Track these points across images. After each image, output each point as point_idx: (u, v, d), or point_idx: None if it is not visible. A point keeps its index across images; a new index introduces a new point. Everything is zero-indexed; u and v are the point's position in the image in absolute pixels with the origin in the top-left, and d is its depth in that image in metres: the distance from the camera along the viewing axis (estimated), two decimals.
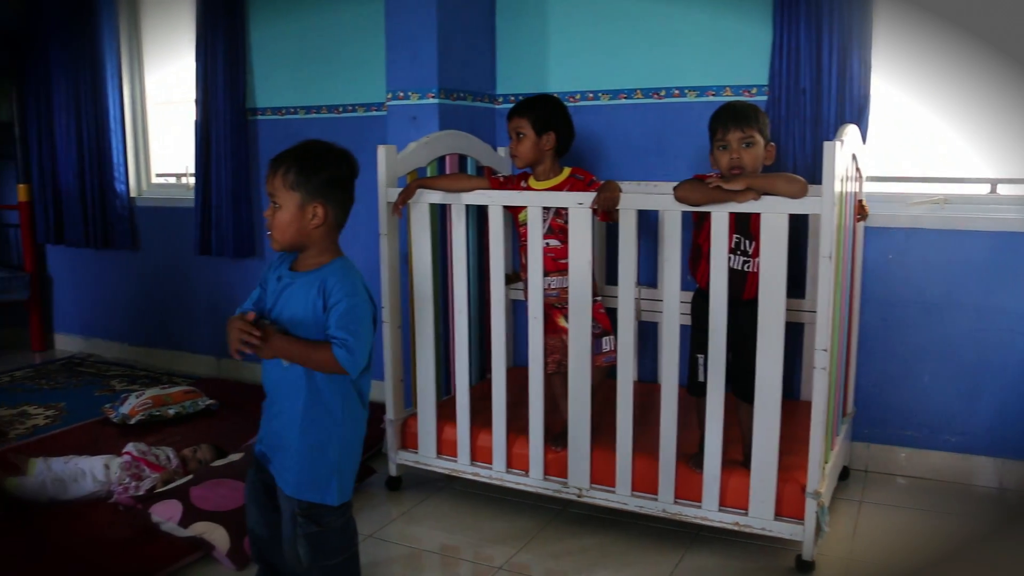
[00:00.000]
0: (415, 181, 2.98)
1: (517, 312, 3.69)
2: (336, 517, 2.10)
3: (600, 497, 2.78)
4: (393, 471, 3.18)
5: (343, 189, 2.08)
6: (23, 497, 2.95)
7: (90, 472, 3.02)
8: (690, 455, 2.69)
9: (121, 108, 4.99)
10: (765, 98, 3.29)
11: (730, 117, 2.56)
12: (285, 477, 2.09)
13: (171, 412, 3.87)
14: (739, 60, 3.36)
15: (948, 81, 3.21)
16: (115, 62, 4.93)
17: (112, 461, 3.09)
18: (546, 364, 2.87)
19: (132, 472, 3.03)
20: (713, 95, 3.42)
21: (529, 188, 2.96)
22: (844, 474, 3.21)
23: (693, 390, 2.68)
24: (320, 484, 2.06)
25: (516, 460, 2.94)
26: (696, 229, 2.68)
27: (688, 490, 2.65)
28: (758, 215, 2.44)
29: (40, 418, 4.09)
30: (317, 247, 2.07)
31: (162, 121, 5.17)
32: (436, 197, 2.95)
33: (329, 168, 2.05)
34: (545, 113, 2.92)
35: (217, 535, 2.65)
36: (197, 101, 4.53)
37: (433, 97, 3.45)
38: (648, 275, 3.51)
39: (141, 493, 2.89)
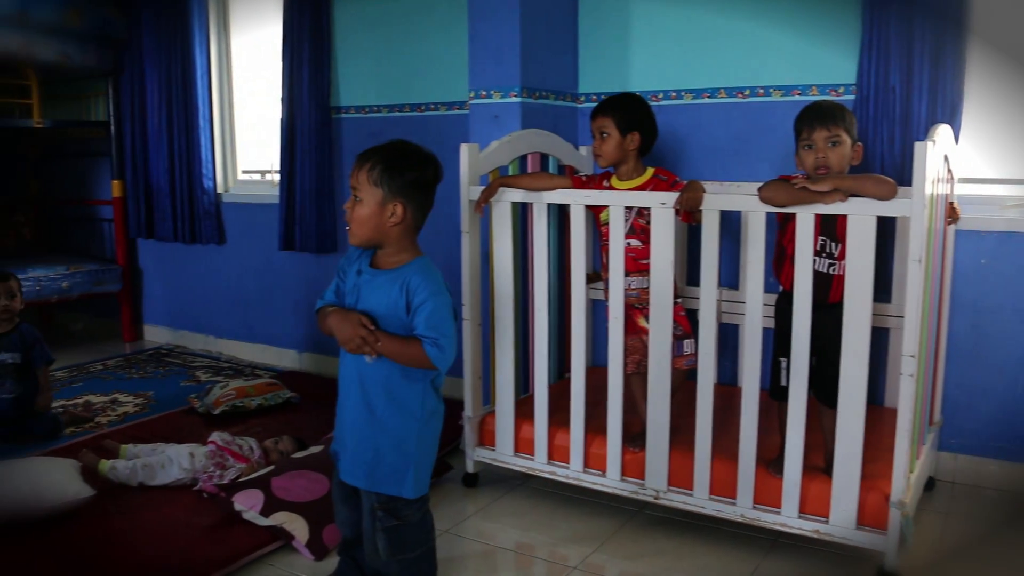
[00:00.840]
0: (497, 179, 2.99)
1: (596, 312, 3.68)
2: (414, 511, 2.13)
3: (677, 500, 2.76)
4: (470, 468, 3.20)
5: (425, 192, 2.11)
6: (115, 480, 3.06)
7: (176, 460, 3.11)
8: (770, 460, 2.65)
9: (210, 107, 5.12)
10: (853, 97, 3.22)
11: (816, 116, 2.51)
12: (361, 471, 2.13)
13: (254, 404, 3.95)
14: (826, 58, 3.30)
15: None
16: (205, 63, 5.06)
17: (197, 450, 3.17)
18: (625, 364, 2.86)
19: (216, 461, 3.11)
20: (799, 94, 3.36)
21: (611, 188, 2.95)
22: (930, 484, 3.12)
23: (775, 394, 2.64)
24: (397, 477, 2.10)
25: (593, 460, 2.93)
26: (780, 231, 2.64)
27: (767, 495, 2.61)
28: (844, 217, 2.39)
29: (130, 406, 4.22)
30: (395, 245, 2.10)
31: (248, 119, 5.29)
32: (518, 196, 2.95)
33: (414, 169, 2.08)
34: (630, 113, 2.90)
35: (296, 525, 2.71)
36: (283, 100, 4.61)
37: (515, 96, 3.46)
38: (728, 277, 3.47)
39: (224, 482, 2.96)
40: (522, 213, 3.23)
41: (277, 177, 4.86)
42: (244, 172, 5.32)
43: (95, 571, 2.51)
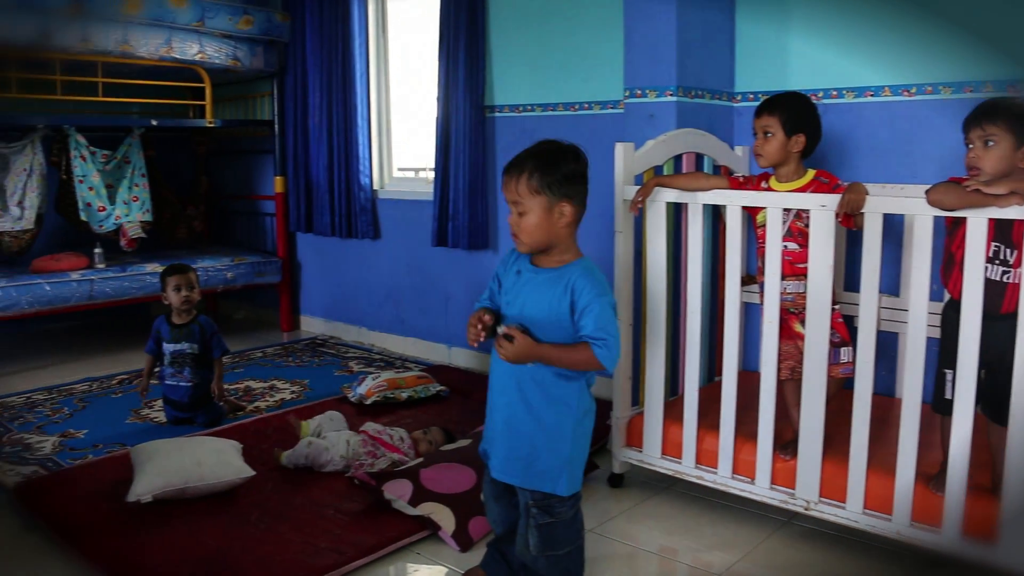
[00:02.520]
0: (653, 179, 2.97)
1: (748, 315, 3.61)
2: (567, 508, 2.14)
3: (829, 512, 2.66)
4: (616, 468, 3.19)
5: (583, 183, 2.12)
6: (292, 466, 3.22)
7: (335, 447, 3.22)
8: (930, 476, 2.53)
9: (368, 106, 5.28)
10: None
11: (973, 114, 2.39)
12: (516, 468, 2.15)
13: (404, 395, 4.05)
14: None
15: None
16: (364, 63, 5.23)
17: (352, 438, 3.27)
18: (779, 370, 2.79)
19: (368, 450, 3.20)
20: (971, 91, 3.18)
21: (770, 189, 2.88)
22: None
23: (939, 407, 2.52)
24: (552, 475, 2.11)
25: (742, 466, 2.88)
26: (949, 236, 2.51)
27: (926, 513, 2.49)
28: (1022, 222, 2.26)
29: (287, 392, 4.40)
30: (562, 245, 2.12)
31: (403, 118, 5.43)
32: (672, 196, 2.92)
33: (567, 164, 2.09)
34: (796, 112, 2.80)
35: (443, 515, 2.76)
36: (438, 99, 4.70)
37: (671, 95, 3.42)
38: (888, 283, 3.33)
39: (375, 471, 3.05)
40: (676, 213, 3.19)
41: (431, 175, 4.98)
42: (399, 170, 5.46)
43: (254, 545, 2.64)
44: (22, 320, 5.03)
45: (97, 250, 5.18)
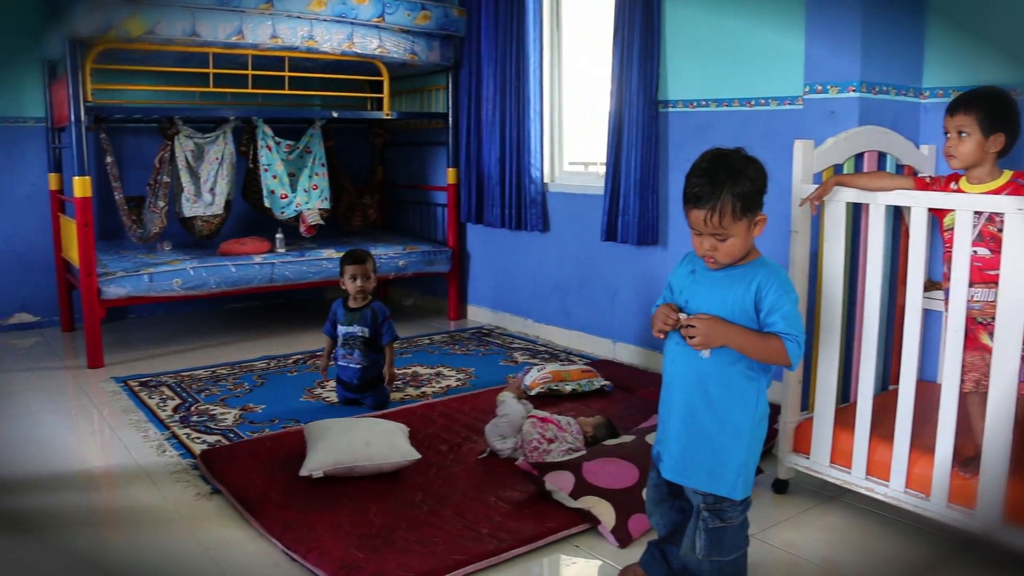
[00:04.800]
0: (833, 178, 2.86)
1: (928, 323, 3.44)
2: (738, 513, 2.12)
3: (1014, 538, 2.49)
4: (782, 474, 3.10)
5: (764, 191, 2.09)
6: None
7: (514, 411, 3.30)
8: None
9: (541, 100, 5.31)
10: None
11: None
12: (692, 470, 2.13)
13: (568, 388, 4.06)
14: None
15: None
16: (538, 57, 5.27)
17: (525, 422, 3.32)
18: (962, 381, 2.63)
19: (539, 432, 3.22)
20: None
21: (959, 191, 2.72)
22: None
23: None
24: (729, 478, 2.09)
25: (916, 481, 2.73)
26: None
27: None
28: None
29: (452, 380, 4.50)
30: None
31: (575, 112, 5.44)
32: (852, 195, 2.81)
33: (750, 174, 2.05)
34: (995, 110, 2.60)
35: (603, 510, 2.75)
36: (611, 93, 4.69)
37: (854, 91, 3.29)
38: None
39: (543, 460, 3.07)
40: (855, 214, 3.07)
41: (601, 169, 4.97)
42: (570, 163, 5.48)
43: (416, 526, 2.71)
44: (210, 299, 5.38)
45: (278, 235, 5.48)
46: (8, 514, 2.94)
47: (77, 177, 4.65)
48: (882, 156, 3.22)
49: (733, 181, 2.01)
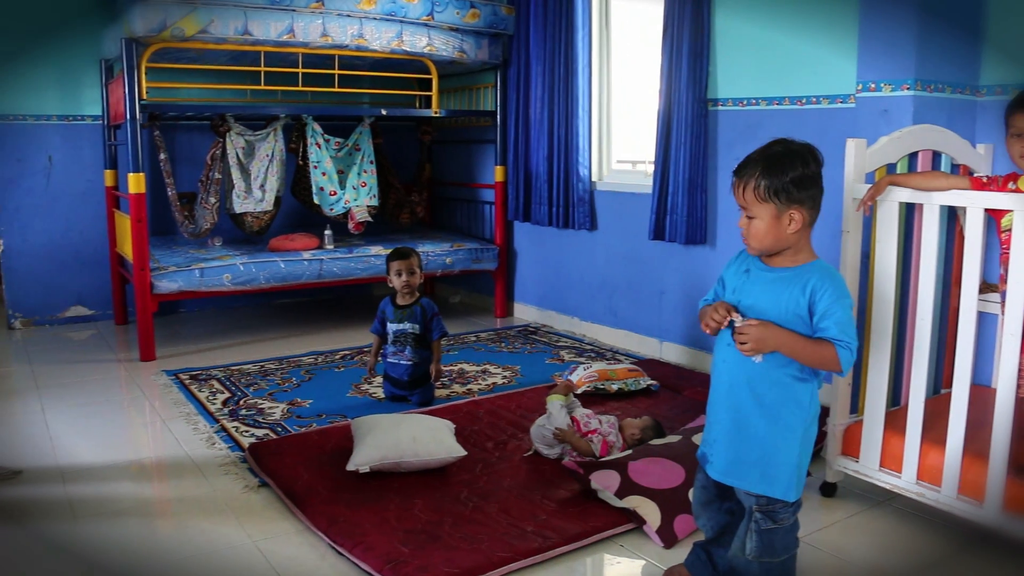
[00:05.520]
0: (886, 177, 2.81)
1: (982, 326, 3.37)
2: (789, 514, 2.11)
3: None
4: (830, 477, 3.06)
5: (814, 185, 2.05)
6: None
7: (557, 413, 3.29)
8: None
9: (589, 98, 5.30)
10: None
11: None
12: (743, 472, 2.12)
13: (614, 387, 4.05)
14: None
15: None
16: (587, 55, 5.26)
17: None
18: (1018, 387, 2.58)
19: (585, 422, 3.22)
20: None
21: (1018, 191, 2.66)
22: None
23: None
24: (783, 479, 2.08)
25: (968, 487, 2.67)
26: None
27: None
28: None
29: (499, 377, 4.51)
30: (794, 247, 2.07)
31: (623, 110, 5.42)
32: (906, 195, 2.77)
33: (796, 169, 2.02)
34: None
35: (648, 510, 2.74)
36: (660, 91, 4.66)
37: (908, 89, 3.24)
38: None
39: (585, 460, 3.06)
40: (908, 214, 3.02)
41: (649, 168, 4.95)
42: (618, 162, 5.46)
43: (462, 522, 2.72)
44: (259, 294, 5.44)
45: (327, 232, 5.54)
46: (62, 503, 3.00)
47: (132, 174, 4.74)
48: (936, 155, 3.16)
49: (768, 163, 2.02)
